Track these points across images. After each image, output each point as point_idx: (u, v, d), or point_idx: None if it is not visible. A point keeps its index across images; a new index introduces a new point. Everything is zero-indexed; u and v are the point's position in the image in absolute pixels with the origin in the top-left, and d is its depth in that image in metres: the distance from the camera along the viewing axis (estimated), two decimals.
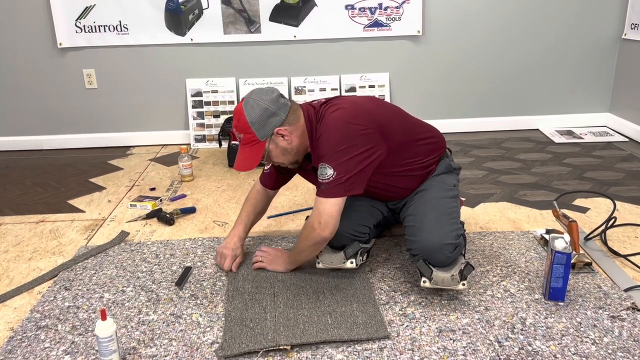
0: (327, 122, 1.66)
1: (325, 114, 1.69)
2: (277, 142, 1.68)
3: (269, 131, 1.66)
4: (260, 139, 1.66)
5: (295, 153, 1.73)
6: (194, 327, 1.60)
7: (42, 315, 1.68)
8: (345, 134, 1.63)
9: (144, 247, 2.12)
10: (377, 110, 1.75)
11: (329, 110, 1.69)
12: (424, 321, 1.60)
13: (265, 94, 1.67)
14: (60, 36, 3.34)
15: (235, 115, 1.67)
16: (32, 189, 2.86)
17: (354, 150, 1.62)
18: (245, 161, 1.68)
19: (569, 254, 1.62)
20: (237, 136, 1.69)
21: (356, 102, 1.74)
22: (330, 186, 1.62)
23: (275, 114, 1.66)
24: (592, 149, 3.22)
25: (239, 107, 1.67)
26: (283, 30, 3.39)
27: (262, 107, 1.64)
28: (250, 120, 1.64)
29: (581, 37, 3.48)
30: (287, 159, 1.74)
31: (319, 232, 1.65)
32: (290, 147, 1.70)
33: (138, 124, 3.58)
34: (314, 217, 1.66)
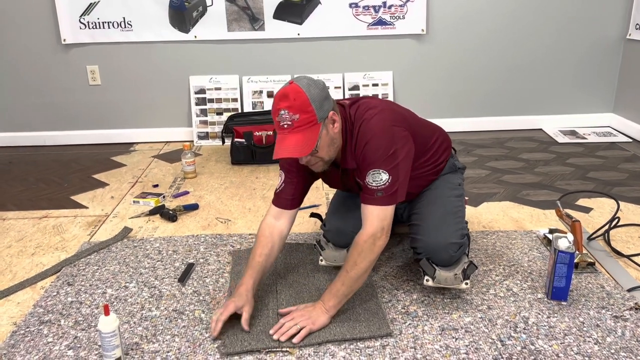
0: (372, 125, 1.57)
1: (363, 117, 1.60)
2: (329, 129, 1.54)
3: (325, 113, 1.52)
4: (319, 120, 1.50)
5: (337, 147, 1.60)
6: (197, 323, 1.61)
7: (45, 310, 1.69)
8: (393, 138, 1.57)
9: (146, 243, 2.12)
10: (405, 112, 1.74)
11: (366, 112, 1.60)
12: (426, 319, 1.60)
13: (313, 79, 1.55)
14: (65, 32, 3.34)
15: (291, 94, 1.48)
16: (36, 184, 2.86)
17: (401, 154, 1.57)
18: (300, 146, 1.49)
19: (572, 253, 1.62)
20: (289, 118, 1.48)
21: (389, 104, 1.69)
22: (388, 193, 1.54)
23: (328, 97, 1.54)
24: (595, 149, 3.21)
25: (293, 87, 1.49)
26: (287, 28, 3.39)
27: (320, 87, 1.52)
28: (311, 98, 1.48)
29: (586, 37, 3.47)
30: (329, 153, 1.58)
31: (384, 239, 1.55)
32: (336, 137, 1.58)
33: (141, 121, 3.58)
34: (374, 226, 1.54)
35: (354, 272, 1.54)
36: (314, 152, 1.54)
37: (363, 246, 1.54)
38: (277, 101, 1.51)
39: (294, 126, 1.49)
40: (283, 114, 1.49)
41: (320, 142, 1.53)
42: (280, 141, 1.52)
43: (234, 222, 2.32)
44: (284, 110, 1.49)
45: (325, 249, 1.81)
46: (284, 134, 1.51)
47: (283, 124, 1.50)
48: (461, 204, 1.82)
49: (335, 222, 1.83)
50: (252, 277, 1.63)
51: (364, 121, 1.59)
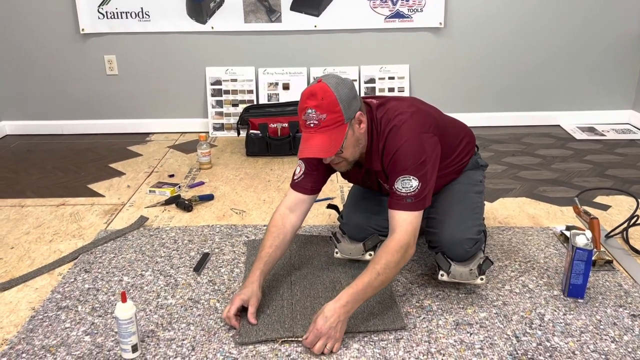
0: (403, 132, 1.55)
1: (393, 122, 1.57)
2: (355, 129, 1.54)
3: (352, 113, 1.51)
4: (346, 120, 1.49)
5: (362, 147, 1.60)
6: (212, 312, 1.62)
7: (63, 296, 1.71)
8: (423, 145, 1.56)
9: (162, 232, 2.14)
10: (433, 112, 1.71)
11: (396, 117, 1.58)
12: (440, 314, 1.59)
13: (341, 77, 1.54)
14: (83, 22, 3.37)
15: (319, 93, 1.47)
16: (53, 172, 2.90)
17: (430, 160, 1.56)
18: (326, 146, 1.48)
19: (590, 250, 1.60)
20: (316, 117, 1.47)
21: (417, 107, 1.65)
22: (417, 199, 1.53)
23: (356, 97, 1.54)
24: (614, 146, 3.17)
25: (321, 85, 1.48)
26: (304, 20, 3.38)
27: (348, 86, 1.51)
28: (339, 98, 1.47)
29: (605, 32, 3.41)
30: (354, 154, 1.58)
31: (414, 247, 1.53)
32: (362, 137, 1.57)
33: (157, 111, 3.60)
34: (406, 234, 1.51)
35: (384, 277, 1.48)
36: (339, 153, 1.53)
37: (395, 255, 1.49)
38: (305, 99, 1.49)
39: (321, 126, 1.48)
40: (310, 112, 1.48)
41: (346, 142, 1.52)
42: (306, 140, 1.51)
43: (249, 213, 2.33)
44: (312, 109, 1.47)
45: (341, 242, 1.81)
46: (310, 133, 1.49)
47: (310, 122, 1.49)
48: (480, 200, 1.81)
49: (354, 217, 1.82)
50: (260, 269, 1.61)
51: (394, 127, 1.57)
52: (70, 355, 1.44)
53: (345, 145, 1.53)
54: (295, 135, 3.05)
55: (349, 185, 2.52)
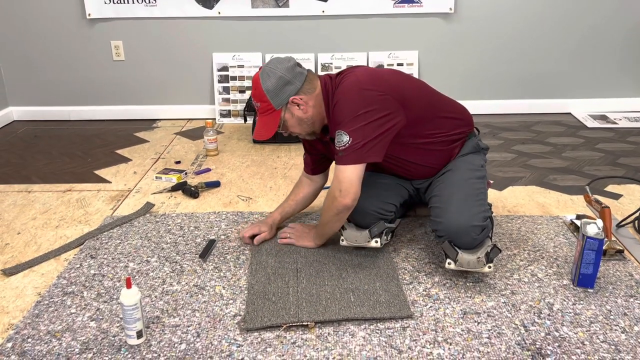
0: (342, 89, 1.65)
1: (341, 82, 1.67)
2: (293, 111, 1.68)
3: (284, 100, 1.66)
4: (276, 107, 1.66)
5: (312, 123, 1.72)
6: (217, 299, 1.61)
7: (69, 282, 1.71)
8: (361, 100, 1.61)
9: (168, 218, 2.13)
10: (395, 80, 1.72)
11: (344, 77, 1.68)
12: (448, 302, 1.58)
13: (281, 63, 1.66)
14: (89, 7, 3.34)
15: (253, 84, 1.69)
16: (60, 158, 2.89)
17: (370, 116, 1.59)
18: (262, 130, 1.69)
19: (601, 240, 1.57)
20: (255, 105, 1.70)
21: (373, 70, 1.74)
22: (347, 153, 1.60)
23: (290, 83, 1.65)
24: (626, 134, 3.12)
25: (256, 76, 1.68)
26: (311, 5, 3.34)
27: (277, 76, 1.64)
28: (265, 89, 1.64)
29: (617, 19, 3.34)
30: (303, 129, 1.73)
31: (340, 200, 1.63)
32: (306, 116, 1.69)
33: (164, 97, 3.58)
34: (334, 186, 1.65)
35: (322, 220, 1.77)
36: (284, 132, 1.73)
37: (325, 202, 1.72)
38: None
39: (259, 112, 1.70)
40: (252, 100, 1.73)
41: (287, 123, 1.70)
42: (257, 122, 1.72)
43: (255, 200, 2.31)
44: (252, 97, 1.72)
45: (346, 229, 1.79)
46: (257, 115, 1.72)
47: (255, 107, 1.72)
48: (483, 186, 1.78)
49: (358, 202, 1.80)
50: (281, 213, 1.96)
51: (338, 87, 1.67)
52: (76, 340, 1.44)
53: (289, 125, 1.71)
54: None
55: None
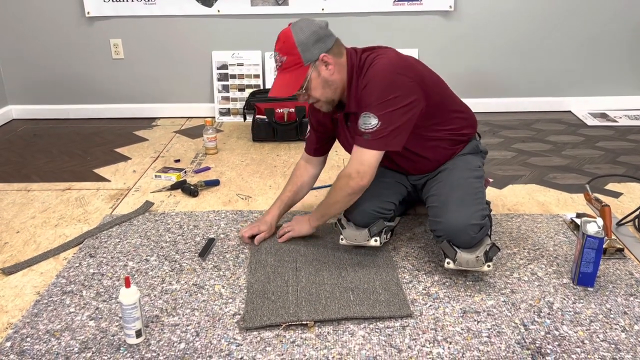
0: (376, 69, 1.60)
1: (373, 61, 1.62)
2: (320, 71, 1.61)
3: (315, 55, 1.59)
4: (305, 62, 1.59)
5: (335, 89, 1.65)
6: (216, 298, 1.61)
7: (68, 281, 1.71)
8: (394, 84, 1.58)
9: (168, 217, 2.13)
10: (420, 67, 1.72)
11: (376, 58, 1.63)
12: (447, 301, 1.57)
13: (314, 21, 1.63)
14: (89, 5, 3.33)
15: (281, 38, 1.61)
16: (59, 157, 2.89)
17: (400, 102, 1.58)
18: (284, 87, 1.61)
19: (601, 238, 1.57)
20: (279, 59, 1.61)
21: (402, 54, 1.70)
22: (374, 137, 1.59)
23: (322, 40, 1.60)
24: (626, 132, 3.11)
25: (285, 30, 1.61)
26: (311, 3, 3.33)
27: (311, 30, 1.58)
28: (297, 40, 1.57)
29: (617, 18, 3.34)
30: (325, 94, 1.65)
31: (357, 181, 1.63)
32: (332, 79, 1.63)
33: (164, 96, 3.58)
34: (352, 167, 1.63)
35: (329, 199, 1.75)
36: (303, 93, 1.64)
37: (339, 182, 1.69)
38: (275, 43, 1.64)
39: (283, 67, 1.62)
40: (275, 55, 1.64)
41: (312, 83, 1.62)
42: (275, 81, 1.65)
43: (255, 199, 2.31)
44: (276, 52, 1.63)
45: (345, 228, 1.79)
46: (279, 72, 1.64)
47: (276, 65, 1.64)
48: (481, 185, 1.78)
49: (357, 202, 1.80)
50: (279, 208, 1.93)
51: (371, 65, 1.62)
52: (75, 339, 1.44)
53: (313, 86, 1.63)
54: (302, 121, 3.01)
55: None
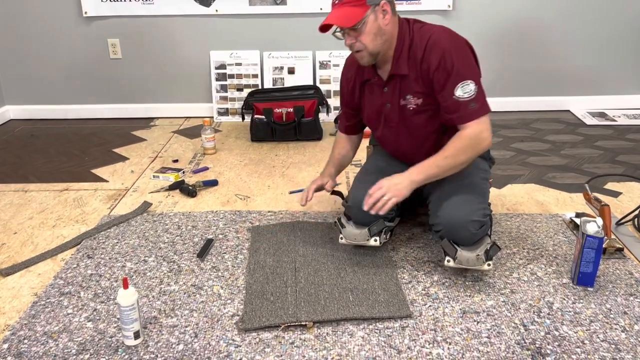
0: (447, 38, 1.63)
1: (431, 31, 1.65)
2: (378, 16, 1.61)
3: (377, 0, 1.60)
4: (368, 2, 1.59)
5: (384, 42, 1.64)
6: (215, 298, 1.60)
7: (65, 282, 1.70)
8: (469, 52, 1.66)
9: (166, 218, 2.12)
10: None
11: (433, 28, 1.66)
12: (447, 302, 1.57)
13: None
14: (86, 5, 3.32)
15: None
16: (57, 157, 2.88)
17: (478, 66, 1.67)
18: (344, 17, 1.59)
19: (600, 238, 1.56)
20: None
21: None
22: (479, 103, 1.60)
23: None
24: (625, 131, 3.11)
25: None
26: (309, 2, 3.32)
27: None
28: None
29: (616, 16, 3.33)
30: (374, 43, 1.63)
31: (488, 142, 1.64)
32: (385, 29, 1.63)
33: (162, 96, 3.57)
34: (479, 129, 1.60)
35: (451, 161, 1.62)
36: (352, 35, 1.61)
37: (466, 141, 1.61)
38: None
39: (344, 2, 1.59)
40: None
41: (366, 26, 1.60)
42: (333, 10, 1.62)
43: (253, 199, 2.30)
44: None
45: (345, 227, 1.78)
46: (335, 7, 1.62)
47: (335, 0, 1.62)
48: (486, 185, 1.78)
49: (359, 198, 1.78)
50: (334, 166, 1.98)
51: (433, 34, 1.63)
52: (72, 341, 1.43)
53: (366, 29, 1.60)
54: (301, 120, 3.01)
55: (354, 171, 2.49)
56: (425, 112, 1.71)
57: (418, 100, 1.70)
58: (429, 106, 1.70)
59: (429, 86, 1.66)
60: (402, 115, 1.75)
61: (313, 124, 3.04)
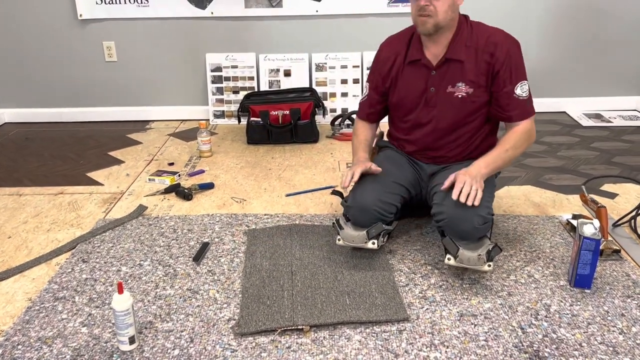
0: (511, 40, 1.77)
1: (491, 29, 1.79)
2: None
3: None
4: None
5: (451, 18, 1.71)
6: (211, 303, 1.59)
7: (60, 287, 1.68)
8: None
9: (161, 221, 2.11)
10: None
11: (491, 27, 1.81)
12: (444, 305, 1.56)
13: None
14: (81, 8, 3.31)
15: None
16: (52, 160, 2.86)
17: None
18: None
19: (597, 240, 1.56)
20: None
21: None
22: (531, 102, 1.78)
23: None
24: (621, 133, 3.11)
25: None
26: (305, 5, 3.32)
27: None
28: None
29: (610, 19, 3.34)
30: (445, 15, 1.67)
31: (535, 138, 1.81)
32: (456, 6, 1.71)
33: (157, 99, 3.55)
34: (532, 125, 1.78)
35: (512, 153, 1.74)
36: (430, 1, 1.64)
37: (523, 135, 1.75)
38: None
39: None
40: None
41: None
42: None
43: (249, 202, 2.29)
44: None
45: (343, 229, 1.77)
46: None
47: None
48: (492, 188, 1.81)
49: (360, 198, 1.77)
50: (365, 151, 1.91)
51: (495, 31, 1.77)
52: (67, 347, 1.42)
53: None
54: (297, 123, 3.00)
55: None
56: (472, 102, 1.77)
57: (469, 89, 1.75)
58: (476, 98, 1.76)
59: (487, 78, 1.74)
60: (446, 102, 1.78)
61: (309, 127, 3.03)
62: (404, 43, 1.85)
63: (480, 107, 1.79)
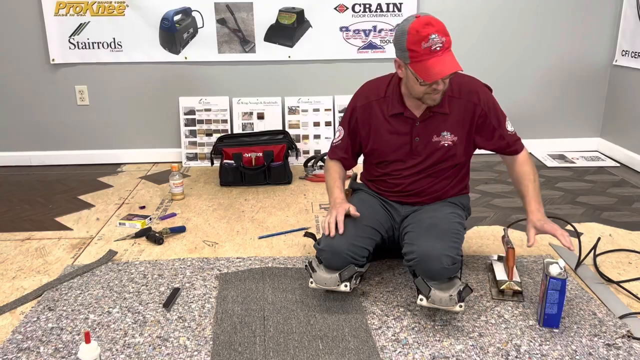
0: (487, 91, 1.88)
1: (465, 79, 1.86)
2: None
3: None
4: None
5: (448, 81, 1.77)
6: (181, 350, 1.56)
7: (24, 337, 1.63)
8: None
9: (131, 266, 2.08)
10: None
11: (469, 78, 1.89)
12: (417, 347, 1.57)
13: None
14: (54, 52, 3.32)
15: (433, 21, 1.65)
16: (19, 205, 2.81)
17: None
18: (454, 62, 1.66)
19: (564, 279, 1.60)
20: (439, 40, 1.63)
21: None
22: (518, 136, 1.92)
23: None
24: (584, 173, 3.23)
25: (429, 17, 1.66)
26: (277, 51, 3.40)
27: None
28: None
29: (573, 63, 3.52)
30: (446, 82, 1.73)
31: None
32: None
33: (129, 141, 3.55)
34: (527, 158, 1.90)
35: (537, 178, 1.87)
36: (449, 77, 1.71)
37: (529, 160, 1.90)
38: (422, 29, 1.63)
39: (445, 47, 1.65)
40: (434, 37, 1.63)
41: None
42: (439, 62, 1.64)
43: (222, 245, 2.28)
44: (434, 34, 1.63)
45: (316, 271, 1.77)
46: (438, 55, 1.64)
47: (435, 47, 1.63)
48: (462, 230, 1.83)
49: (332, 242, 1.77)
50: (341, 190, 1.94)
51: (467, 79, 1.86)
52: None
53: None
54: (270, 165, 3.03)
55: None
56: (456, 147, 1.85)
57: (454, 137, 1.84)
58: (460, 144, 1.86)
59: (471, 126, 1.84)
60: (431, 150, 1.85)
61: (282, 168, 3.06)
62: (381, 93, 1.88)
63: (462, 154, 1.88)
